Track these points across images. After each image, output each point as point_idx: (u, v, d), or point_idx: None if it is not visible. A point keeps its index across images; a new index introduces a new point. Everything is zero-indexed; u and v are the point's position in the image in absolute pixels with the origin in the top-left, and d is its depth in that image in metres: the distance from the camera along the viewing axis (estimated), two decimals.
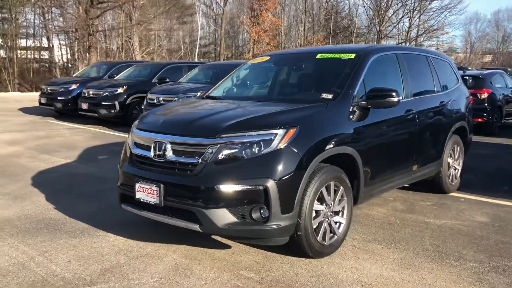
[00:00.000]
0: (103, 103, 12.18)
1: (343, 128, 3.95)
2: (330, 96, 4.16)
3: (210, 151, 3.49)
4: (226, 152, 3.47)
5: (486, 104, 11.65)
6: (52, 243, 4.12)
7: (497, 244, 4.23)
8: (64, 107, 13.70)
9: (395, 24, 51.30)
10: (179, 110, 4.36)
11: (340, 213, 3.99)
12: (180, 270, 3.61)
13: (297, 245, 3.67)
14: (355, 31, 49.36)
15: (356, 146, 4.01)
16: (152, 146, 3.78)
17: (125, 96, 12.22)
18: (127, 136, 4.38)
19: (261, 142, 3.46)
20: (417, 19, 51.04)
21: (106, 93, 12.22)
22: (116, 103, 12.09)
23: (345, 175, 3.95)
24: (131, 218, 4.73)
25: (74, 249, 3.99)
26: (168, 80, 12.35)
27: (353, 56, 4.55)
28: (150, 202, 3.69)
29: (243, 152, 3.46)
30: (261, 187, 3.38)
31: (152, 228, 4.48)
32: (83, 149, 8.94)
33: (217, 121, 3.70)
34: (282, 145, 3.46)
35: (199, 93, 10.15)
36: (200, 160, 3.52)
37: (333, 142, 3.78)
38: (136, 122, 4.31)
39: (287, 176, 3.43)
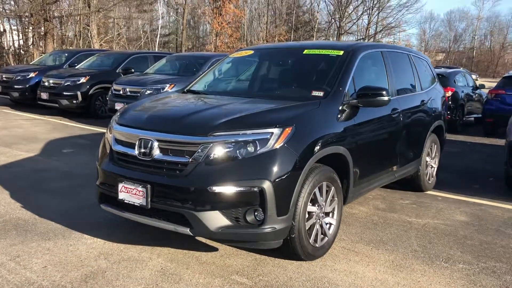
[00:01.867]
0: (65, 93, 11.61)
1: (334, 127, 3.84)
2: (321, 93, 4.04)
3: (202, 150, 3.30)
4: (219, 151, 3.29)
5: (450, 102, 11.90)
6: (24, 247, 3.82)
7: (481, 244, 4.26)
8: (21, 96, 12.99)
9: (355, 21, 52.18)
10: (164, 105, 4.12)
11: (331, 214, 3.90)
12: (167, 275, 3.41)
13: (289, 248, 3.54)
14: (316, 26, 49.78)
15: (347, 145, 3.92)
16: (137, 143, 3.54)
17: (87, 86, 11.69)
18: (90, 128, 4.13)
19: (257, 141, 3.29)
20: (376, 16, 52.11)
21: (68, 83, 11.66)
22: (79, 93, 11.56)
23: (336, 175, 3.85)
24: (108, 218, 4.47)
25: (49, 253, 3.71)
26: (133, 70, 11.93)
27: (341, 53, 4.44)
28: (135, 204, 3.46)
29: (237, 151, 3.28)
30: (256, 189, 3.22)
31: (131, 229, 4.24)
32: (45, 141, 8.48)
33: (209, 118, 3.51)
34: (278, 145, 3.31)
35: (168, 85, 9.97)
36: (190, 160, 3.32)
37: (326, 142, 3.67)
38: (116, 116, 4.04)
39: (284, 177, 3.29)
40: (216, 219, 3.24)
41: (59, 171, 6.35)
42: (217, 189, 3.21)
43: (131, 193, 3.47)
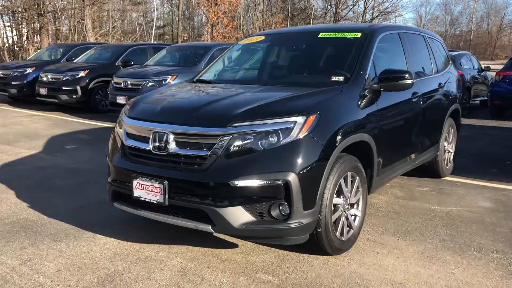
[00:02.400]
0: (64, 88, 11.36)
1: (357, 113, 3.63)
2: (341, 78, 3.83)
3: (221, 143, 3.09)
4: (239, 143, 3.09)
5: None
6: (34, 249, 3.62)
7: None
8: (19, 92, 12.73)
9: (351, 7, 51.75)
10: (176, 96, 3.90)
11: (356, 205, 3.70)
12: (189, 275, 3.22)
13: (315, 242, 3.35)
14: (312, 13, 49.34)
15: (371, 132, 3.72)
16: (151, 137, 3.33)
17: (87, 80, 11.43)
18: (92, 122, 3.92)
19: (279, 131, 3.09)
20: (372, 1, 51.67)
21: (67, 77, 11.40)
22: (78, 87, 11.31)
23: (360, 165, 3.65)
24: (119, 216, 4.27)
25: (62, 256, 3.51)
26: (132, 63, 11.65)
27: (359, 35, 4.22)
28: (152, 201, 3.26)
29: (259, 142, 3.08)
30: (281, 182, 3.02)
31: (145, 227, 4.05)
32: (47, 138, 8.26)
33: (227, 108, 3.30)
34: (302, 134, 3.10)
35: (170, 77, 9.73)
36: (209, 153, 3.11)
37: (351, 129, 3.47)
38: (125, 109, 3.82)
39: (309, 169, 3.09)
40: (239, 215, 3.05)
41: (64, 168, 6.14)
42: (239, 183, 3.01)
43: (147, 190, 3.27)
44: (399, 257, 3.55)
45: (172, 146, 3.24)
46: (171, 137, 3.24)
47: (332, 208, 3.36)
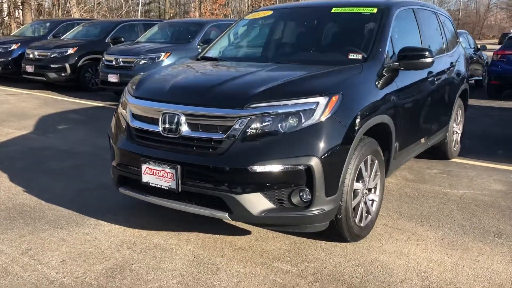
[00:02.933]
0: (52, 65, 10.95)
1: (378, 93, 3.44)
2: (359, 56, 3.63)
3: (238, 125, 2.88)
4: (258, 125, 2.88)
5: None
6: (35, 237, 3.41)
7: None
8: (4, 70, 12.28)
9: None
10: (186, 74, 3.65)
11: (373, 190, 3.54)
12: (203, 265, 3.04)
13: (335, 229, 3.19)
14: None
15: (390, 114, 3.54)
16: (161, 118, 3.10)
17: (76, 58, 11.04)
18: (82, 101, 3.72)
19: (300, 113, 2.88)
20: None
21: (55, 54, 10.99)
22: (67, 65, 10.92)
23: (379, 148, 3.47)
24: (121, 201, 4.08)
25: (65, 244, 3.31)
26: (123, 39, 11.27)
27: (375, 10, 4.00)
28: (163, 187, 3.05)
29: (279, 125, 2.88)
30: (302, 167, 2.83)
31: (151, 213, 3.85)
32: (37, 118, 7.94)
33: (243, 87, 3.08)
34: (325, 116, 2.90)
35: (163, 54, 9.41)
36: (225, 136, 2.90)
37: (372, 110, 3.28)
38: (130, 88, 3.58)
39: (332, 153, 2.90)
40: (258, 202, 2.86)
41: (58, 150, 5.87)
42: (258, 168, 2.82)
43: (157, 175, 3.05)
44: (419, 243, 3.41)
45: (184, 128, 3.02)
46: (183, 118, 3.02)
47: (352, 193, 3.19)
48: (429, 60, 3.64)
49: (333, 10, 4.15)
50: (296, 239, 3.42)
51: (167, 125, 3.07)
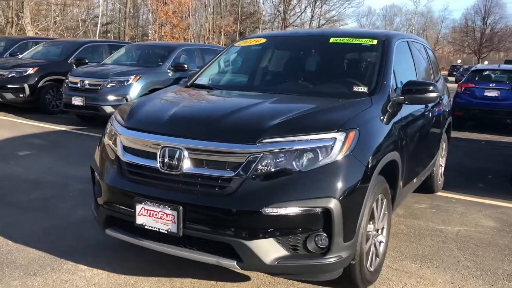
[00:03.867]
0: (9, 85, 10.26)
1: (386, 128, 3.26)
2: (364, 89, 3.46)
3: (249, 162, 2.61)
4: (271, 163, 2.62)
5: None
6: (5, 287, 2.96)
7: None
8: None
9: (299, 14, 52.34)
10: (183, 103, 3.34)
11: (380, 231, 3.33)
12: None
13: (347, 276, 2.93)
14: (261, 18, 49.38)
15: (398, 150, 3.37)
16: (159, 153, 2.79)
17: (36, 78, 10.41)
18: (43, 125, 3.40)
19: (318, 150, 2.65)
20: (320, 9, 52.60)
21: (13, 74, 10.33)
22: (26, 86, 10.27)
23: (388, 186, 3.28)
24: (101, 240, 3.68)
25: None
26: (87, 61, 10.80)
27: (375, 42, 3.87)
28: (161, 230, 2.71)
29: (294, 162, 2.62)
30: (319, 209, 2.58)
31: (137, 253, 3.47)
32: None
33: (254, 120, 2.82)
34: (343, 154, 2.68)
35: (132, 77, 9.03)
36: (235, 174, 2.62)
37: (385, 147, 3.10)
38: (118, 117, 3.24)
39: (352, 193, 2.67)
40: (271, 249, 2.58)
41: (22, 179, 5.36)
42: (272, 211, 2.54)
43: (155, 217, 2.72)
44: None
45: (187, 164, 2.72)
46: (185, 153, 2.72)
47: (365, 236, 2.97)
48: (434, 95, 3.53)
49: (332, 40, 3.99)
50: (301, 286, 3.14)
51: (166, 161, 2.76)
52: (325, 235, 2.62)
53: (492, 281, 3.37)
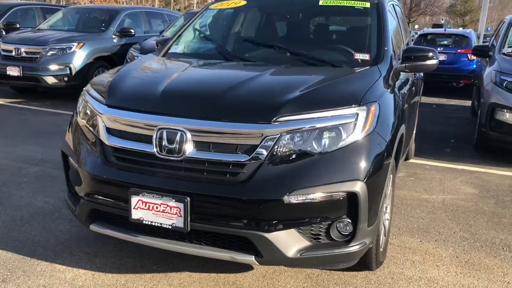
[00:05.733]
0: None
1: (394, 99, 3.02)
2: (366, 56, 3.19)
3: (265, 144, 2.28)
4: (289, 144, 2.31)
5: None
6: None
7: None
8: None
9: None
10: (174, 75, 2.84)
11: (386, 208, 3.14)
12: None
13: (362, 259, 2.73)
14: None
15: (404, 122, 3.18)
16: (155, 135, 2.39)
17: None
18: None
19: (340, 128, 2.37)
20: None
21: None
22: None
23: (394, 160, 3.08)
24: (74, 233, 3.25)
25: None
26: (18, 26, 9.75)
27: (368, 4, 3.59)
28: (164, 226, 2.35)
29: (314, 142, 2.33)
30: (344, 194, 2.32)
31: (118, 248, 3.09)
32: None
33: (268, 95, 2.47)
34: (366, 130, 2.42)
35: (75, 44, 8.23)
36: (249, 159, 2.29)
37: (398, 120, 2.87)
38: (95, 93, 2.76)
39: (376, 174, 2.43)
40: (293, 241, 2.31)
41: None
42: (294, 198, 2.25)
43: (155, 211, 2.34)
44: (438, 265, 3.09)
45: (190, 148, 2.34)
46: (188, 135, 2.34)
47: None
48: (435, 62, 3.32)
49: (321, 2, 3.65)
50: (309, 272, 2.91)
51: (165, 144, 2.37)
52: (349, 221, 2.37)
53: (493, 252, 3.32)
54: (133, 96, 2.63)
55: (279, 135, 2.29)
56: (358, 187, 2.32)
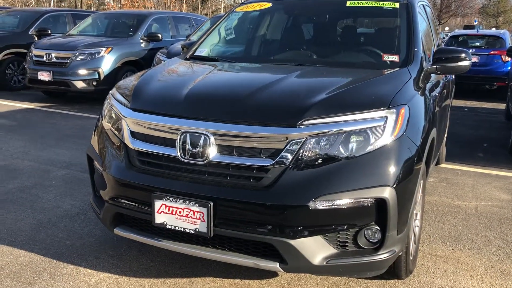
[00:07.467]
0: None
1: (425, 102, 2.92)
2: (395, 58, 3.10)
3: (290, 148, 2.23)
4: (315, 148, 2.25)
5: None
6: None
7: None
8: None
9: None
10: (198, 78, 2.83)
11: (417, 214, 3.03)
12: None
13: (392, 268, 2.63)
14: None
15: (435, 126, 3.07)
16: (179, 139, 2.36)
17: None
18: (6, 103, 3.22)
19: (368, 131, 2.29)
20: None
21: None
22: None
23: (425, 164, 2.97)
24: (98, 236, 3.25)
25: None
26: (50, 32, 9.97)
27: (397, 5, 3.50)
28: (187, 230, 2.31)
29: (341, 147, 2.26)
30: (372, 200, 2.24)
31: (141, 251, 3.07)
32: None
33: (293, 97, 2.42)
34: (396, 134, 2.33)
35: (104, 49, 8.36)
36: (273, 163, 2.23)
37: (429, 123, 2.77)
38: (120, 97, 2.76)
39: (406, 180, 2.34)
40: (318, 248, 2.24)
41: None
42: (321, 204, 2.18)
43: (178, 215, 2.31)
44: (472, 275, 2.97)
45: (213, 152, 2.31)
46: (212, 139, 2.30)
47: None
48: (467, 63, 3.20)
49: (349, 3, 3.57)
50: (336, 280, 2.82)
51: (188, 148, 2.33)
52: (378, 228, 2.29)
53: None
54: (157, 99, 2.61)
55: (304, 139, 2.23)
56: (387, 193, 2.23)
